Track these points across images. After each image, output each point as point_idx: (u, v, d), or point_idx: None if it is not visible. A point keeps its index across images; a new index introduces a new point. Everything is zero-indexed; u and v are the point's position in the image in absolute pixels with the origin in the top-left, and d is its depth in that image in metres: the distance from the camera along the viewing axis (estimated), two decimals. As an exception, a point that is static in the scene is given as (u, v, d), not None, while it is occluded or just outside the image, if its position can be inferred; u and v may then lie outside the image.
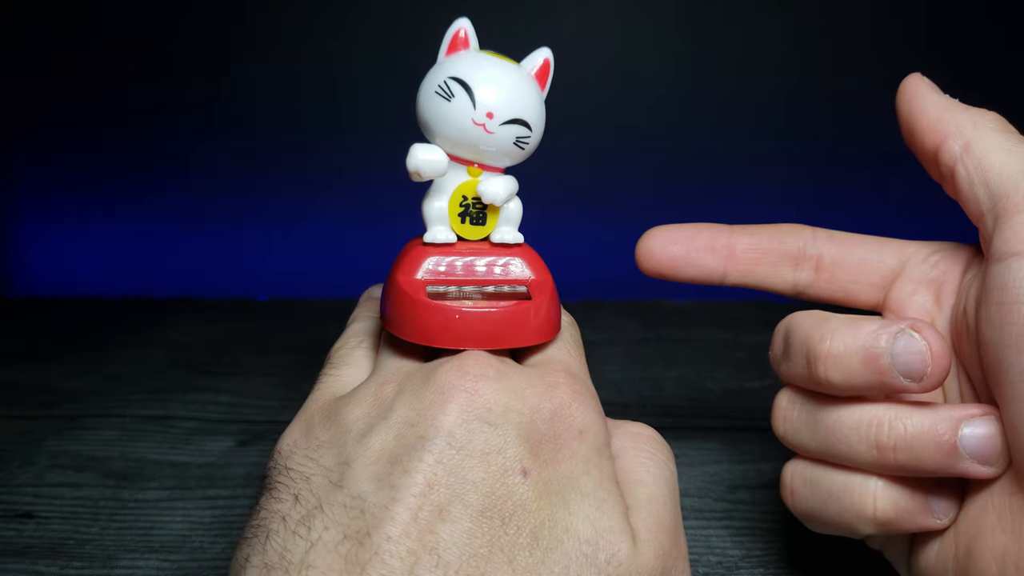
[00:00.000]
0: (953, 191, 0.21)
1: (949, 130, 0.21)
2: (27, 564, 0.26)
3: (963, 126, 0.21)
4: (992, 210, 0.20)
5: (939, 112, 0.21)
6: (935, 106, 0.22)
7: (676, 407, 0.38)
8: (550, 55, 0.22)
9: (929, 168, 0.22)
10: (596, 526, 0.17)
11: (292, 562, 0.16)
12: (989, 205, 0.20)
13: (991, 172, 0.20)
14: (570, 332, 0.23)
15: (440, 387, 0.18)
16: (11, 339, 0.48)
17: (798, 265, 0.25)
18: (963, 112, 0.21)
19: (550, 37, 0.25)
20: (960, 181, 0.21)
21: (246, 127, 0.55)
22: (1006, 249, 0.19)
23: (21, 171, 0.56)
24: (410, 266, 0.21)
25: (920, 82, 0.23)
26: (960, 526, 0.20)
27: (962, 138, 0.21)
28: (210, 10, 0.52)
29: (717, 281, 0.25)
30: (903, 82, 0.23)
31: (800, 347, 0.21)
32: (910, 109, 0.22)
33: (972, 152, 0.20)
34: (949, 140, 0.21)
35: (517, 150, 0.21)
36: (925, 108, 0.22)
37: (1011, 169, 0.19)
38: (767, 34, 0.53)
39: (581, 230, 0.56)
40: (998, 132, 0.21)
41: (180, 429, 0.36)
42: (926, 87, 0.22)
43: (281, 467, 0.18)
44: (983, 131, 0.21)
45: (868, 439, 0.20)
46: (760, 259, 0.25)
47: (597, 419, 0.20)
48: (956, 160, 0.21)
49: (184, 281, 0.57)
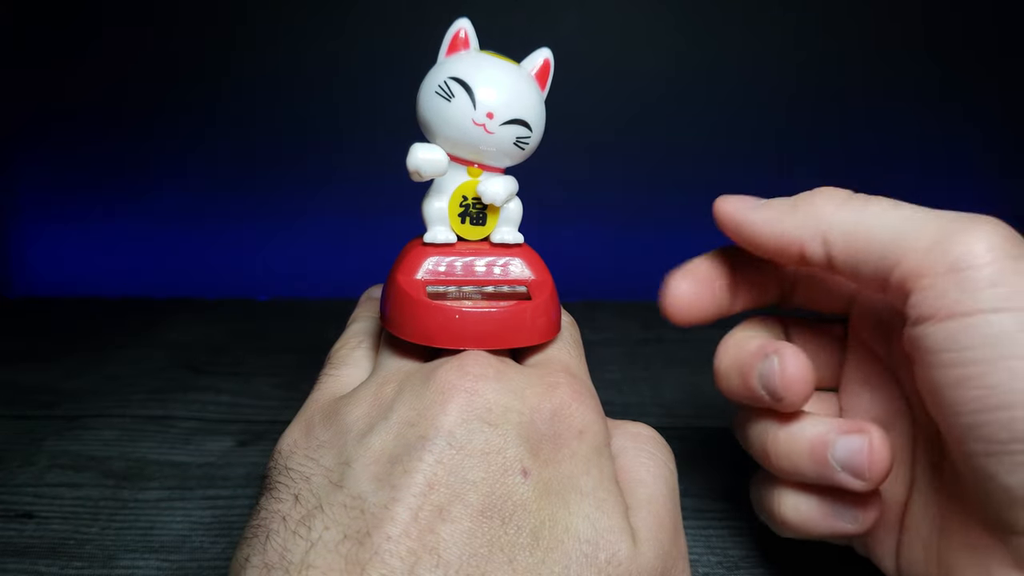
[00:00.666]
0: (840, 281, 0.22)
1: (798, 236, 0.20)
2: (27, 564, 0.26)
3: (806, 225, 0.20)
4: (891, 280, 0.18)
5: (773, 226, 0.21)
6: (765, 223, 0.21)
7: (676, 407, 0.38)
8: (550, 55, 0.22)
9: (802, 271, 0.23)
10: (596, 526, 0.17)
11: (292, 562, 0.16)
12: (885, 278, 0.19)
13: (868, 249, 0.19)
14: (570, 332, 0.23)
15: (440, 387, 0.18)
16: (11, 339, 0.48)
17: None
18: (795, 211, 0.20)
19: (550, 37, 0.25)
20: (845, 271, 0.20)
21: (246, 127, 0.55)
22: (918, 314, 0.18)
23: (21, 171, 0.56)
24: (410, 266, 0.21)
25: (732, 207, 0.22)
26: (941, 554, 0.20)
27: (816, 236, 0.20)
28: (210, 10, 0.52)
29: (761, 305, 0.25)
30: (716, 213, 0.23)
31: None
32: (746, 236, 0.22)
33: (835, 242, 0.19)
34: (806, 245, 0.20)
35: (517, 150, 0.21)
36: (759, 229, 0.21)
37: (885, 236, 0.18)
38: (767, 34, 0.53)
39: (581, 230, 0.56)
40: (842, 206, 0.20)
41: (180, 429, 0.36)
42: (741, 209, 0.22)
43: (281, 467, 0.18)
44: (827, 215, 0.20)
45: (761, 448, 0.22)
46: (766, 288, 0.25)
47: (597, 419, 0.20)
48: (828, 255, 0.20)
49: (184, 281, 0.57)
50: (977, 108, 0.54)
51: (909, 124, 0.54)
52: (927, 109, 0.54)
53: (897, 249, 0.18)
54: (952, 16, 0.52)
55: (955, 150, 0.55)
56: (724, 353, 0.23)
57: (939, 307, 0.17)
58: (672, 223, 0.56)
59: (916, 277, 0.18)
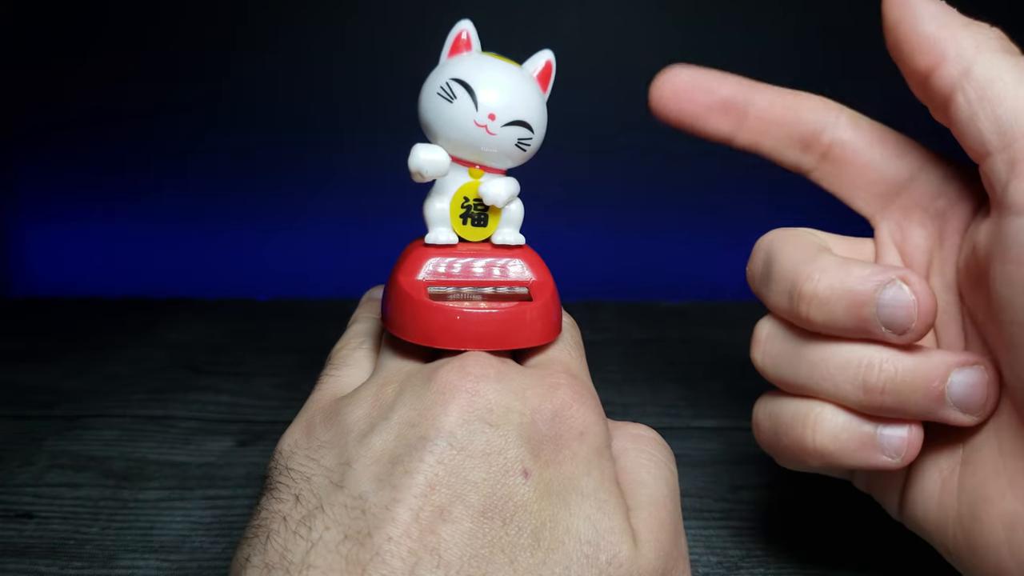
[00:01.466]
0: (946, 120, 0.19)
1: (947, 51, 0.18)
2: (27, 564, 0.26)
3: (964, 46, 0.18)
4: (1005, 151, 0.17)
5: (935, 27, 0.18)
6: (930, 18, 0.19)
7: (676, 407, 0.38)
8: (552, 57, 0.22)
9: (916, 89, 0.20)
10: (597, 527, 0.17)
11: (293, 562, 0.16)
12: (1000, 145, 0.17)
13: (1001, 106, 0.17)
14: (571, 333, 0.23)
15: (441, 388, 0.18)
16: (11, 339, 0.48)
17: (808, 148, 0.23)
18: (963, 29, 0.18)
19: (550, 37, 0.25)
20: (960, 113, 0.18)
21: (246, 127, 0.55)
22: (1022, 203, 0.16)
23: (21, 171, 0.56)
24: (411, 267, 0.21)
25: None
26: (965, 484, 0.19)
27: (962, 62, 0.18)
28: (210, 10, 0.52)
29: (725, 141, 0.23)
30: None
31: (784, 280, 0.20)
32: (899, 18, 0.19)
33: (975, 80, 0.18)
34: (947, 64, 0.18)
35: (519, 152, 0.21)
36: (917, 20, 0.19)
37: (1021, 104, 0.17)
38: (767, 34, 0.53)
39: (581, 230, 0.56)
40: (1004, 55, 0.18)
41: (180, 429, 0.36)
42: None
43: (282, 467, 0.18)
44: (987, 53, 0.18)
45: (856, 380, 0.19)
46: (769, 131, 0.23)
47: (598, 420, 0.20)
48: (955, 88, 0.18)
49: (184, 281, 0.57)
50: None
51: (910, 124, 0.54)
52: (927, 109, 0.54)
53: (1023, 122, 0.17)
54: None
55: (955, 150, 0.55)
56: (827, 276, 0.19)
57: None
58: (672, 223, 0.56)
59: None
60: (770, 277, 0.21)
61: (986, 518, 0.18)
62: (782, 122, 0.23)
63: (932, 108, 0.19)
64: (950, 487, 0.20)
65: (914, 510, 0.20)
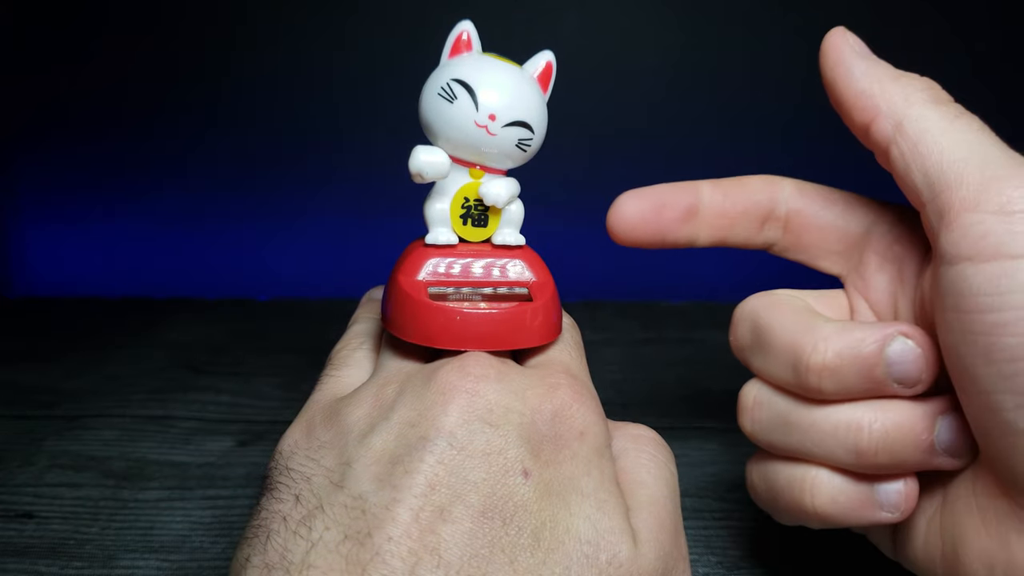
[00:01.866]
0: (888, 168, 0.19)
1: (879, 106, 0.19)
2: (27, 564, 0.26)
3: (894, 101, 0.19)
4: (934, 203, 0.18)
5: (867, 83, 0.19)
6: (862, 75, 0.19)
7: (676, 407, 0.38)
8: (552, 58, 0.22)
9: (861, 140, 0.20)
10: (597, 527, 0.17)
11: (293, 562, 0.16)
12: (930, 196, 0.18)
13: (929, 159, 0.18)
14: (571, 334, 0.23)
15: (441, 388, 0.18)
16: (11, 339, 0.48)
17: (766, 223, 0.23)
18: (893, 83, 0.19)
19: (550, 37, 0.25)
20: (896, 165, 0.19)
21: (246, 127, 0.55)
22: (956, 253, 0.17)
23: (21, 171, 0.56)
24: (411, 267, 0.21)
25: (843, 43, 0.20)
26: (944, 524, 0.19)
27: (894, 116, 0.19)
28: (210, 10, 0.52)
29: (689, 245, 0.24)
30: (824, 42, 0.20)
31: (785, 353, 0.20)
32: (833, 77, 0.20)
33: (906, 134, 0.18)
34: (880, 119, 0.19)
35: (519, 152, 0.21)
36: (850, 78, 0.20)
37: (951, 156, 0.17)
38: (768, 34, 0.53)
39: (581, 230, 0.56)
40: (933, 106, 0.18)
41: (180, 429, 0.36)
42: (850, 50, 0.20)
43: (282, 467, 0.18)
44: (916, 106, 0.18)
45: (848, 444, 0.19)
46: (730, 224, 0.23)
47: (598, 420, 0.20)
48: (890, 142, 0.19)
49: (184, 281, 0.57)
50: (977, 109, 0.54)
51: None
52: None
53: (955, 176, 0.17)
54: (952, 17, 0.52)
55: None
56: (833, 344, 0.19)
57: (983, 247, 0.16)
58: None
59: (962, 211, 0.17)
60: (765, 349, 0.21)
61: (966, 558, 0.18)
62: (737, 211, 0.23)
63: (877, 158, 0.20)
64: (934, 527, 0.20)
65: (905, 551, 0.21)
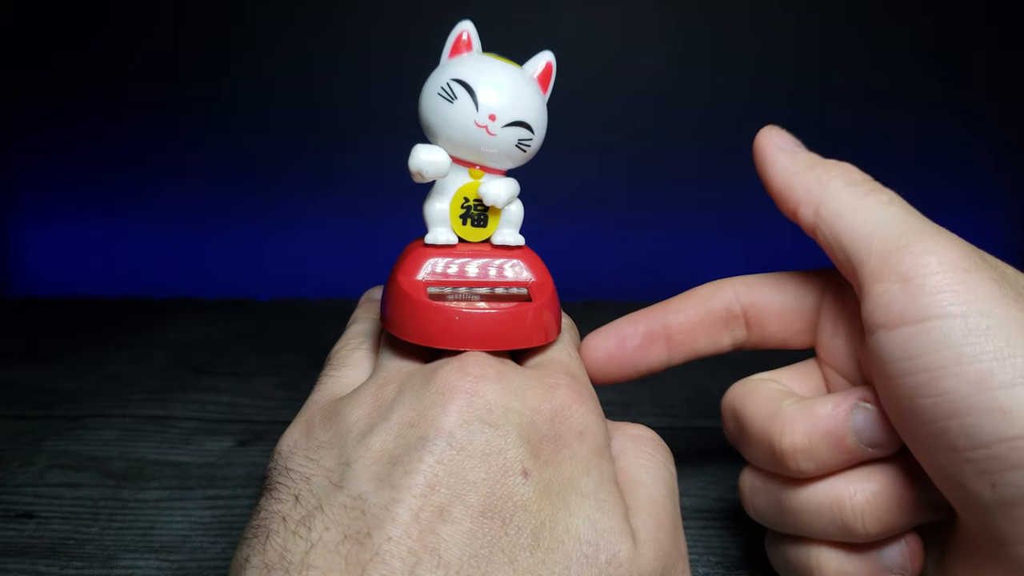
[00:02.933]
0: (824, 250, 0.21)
1: (799, 196, 0.20)
2: (27, 564, 0.26)
3: (811, 188, 0.20)
4: (853, 277, 0.19)
5: (785, 176, 0.21)
6: (782, 169, 0.21)
7: (676, 407, 0.38)
8: (552, 58, 0.22)
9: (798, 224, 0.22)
10: (597, 527, 0.17)
11: (292, 562, 0.16)
12: (850, 271, 0.19)
13: (844, 236, 0.19)
14: (570, 334, 0.23)
15: (441, 388, 0.18)
16: (11, 339, 0.48)
17: (727, 325, 0.24)
18: (809, 172, 0.21)
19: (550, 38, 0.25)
20: (824, 246, 0.20)
21: (246, 127, 0.55)
22: (872, 322, 0.18)
23: (21, 171, 0.56)
24: (411, 267, 0.21)
25: (768, 141, 0.22)
26: (946, 572, 0.20)
27: (811, 203, 0.20)
28: (210, 10, 0.53)
29: (665, 367, 0.25)
30: (754, 141, 0.22)
31: (760, 442, 0.21)
32: (762, 173, 0.22)
33: (823, 217, 0.20)
34: (801, 207, 0.20)
35: (519, 152, 0.21)
36: (773, 173, 0.21)
37: (862, 232, 0.19)
38: (767, 34, 0.53)
39: (581, 230, 0.56)
40: (845, 188, 0.20)
41: (180, 429, 0.36)
42: (774, 147, 0.22)
43: (281, 468, 0.18)
44: (831, 191, 0.20)
45: (836, 522, 0.20)
46: (695, 335, 0.24)
47: (597, 420, 0.20)
48: (813, 226, 0.20)
49: (184, 281, 0.57)
50: (977, 109, 0.54)
51: (909, 125, 0.54)
52: (927, 110, 0.54)
53: (864, 251, 0.19)
54: (952, 17, 0.52)
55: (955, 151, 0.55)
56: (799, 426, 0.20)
57: (891, 314, 0.18)
58: (672, 223, 0.56)
59: (872, 282, 0.18)
60: (747, 439, 0.22)
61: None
62: (694, 322, 0.24)
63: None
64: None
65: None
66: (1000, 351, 0.16)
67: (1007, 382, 0.16)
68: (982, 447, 0.16)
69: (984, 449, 0.16)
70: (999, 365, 0.16)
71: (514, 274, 0.22)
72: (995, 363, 0.16)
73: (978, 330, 0.16)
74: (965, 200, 0.56)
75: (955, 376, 0.16)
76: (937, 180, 0.55)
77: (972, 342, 0.16)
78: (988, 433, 0.16)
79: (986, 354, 0.16)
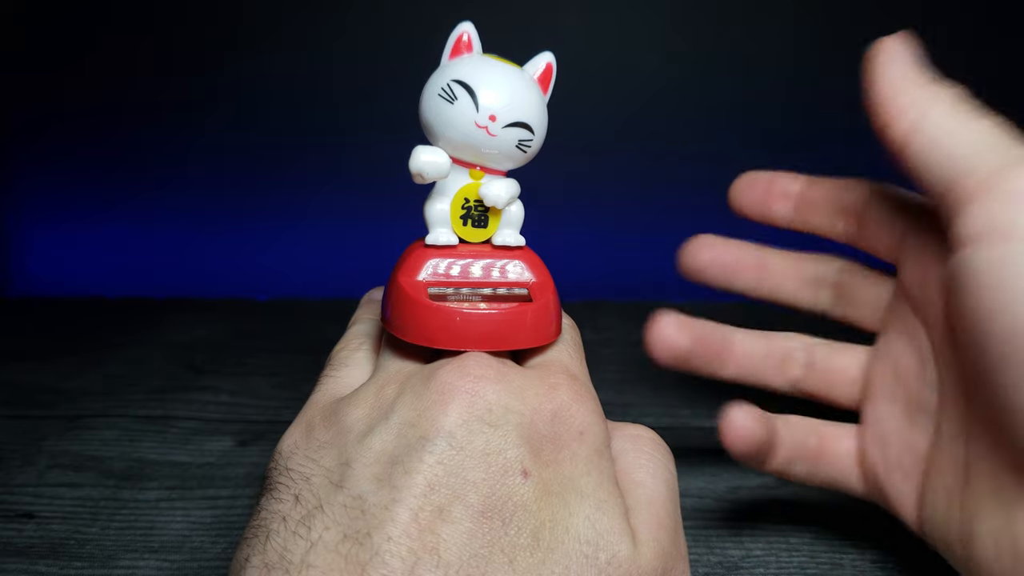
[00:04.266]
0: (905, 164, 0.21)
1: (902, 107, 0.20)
2: (27, 564, 0.26)
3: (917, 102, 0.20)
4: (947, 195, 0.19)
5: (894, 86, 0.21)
6: (892, 80, 0.21)
7: (676, 407, 0.38)
8: (553, 59, 0.22)
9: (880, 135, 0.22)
10: (596, 527, 0.17)
11: (292, 562, 0.16)
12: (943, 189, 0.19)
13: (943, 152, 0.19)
14: (571, 335, 0.23)
15: (441, 388, 0.18)
16: (11, 339, 0.48)
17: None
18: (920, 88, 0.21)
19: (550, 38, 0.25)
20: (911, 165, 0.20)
21: (246, 127, 0.55)
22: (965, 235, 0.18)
23: (20, 171, 0.56)
24: (412, 268, 0.21)
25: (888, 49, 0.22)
26: (965, 501, 0.20)
27: (913, 117, 0.20)
28: (210, 10, 0.52)
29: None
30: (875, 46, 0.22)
31: None
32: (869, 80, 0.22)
33: (923, 131, 0.20)
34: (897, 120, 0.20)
35: (519, 153, 0.21)
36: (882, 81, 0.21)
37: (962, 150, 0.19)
38: (766, 34, 0.53)
39: (581, 231, 0.56)
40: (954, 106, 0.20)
41: (180, 429, 0.36)
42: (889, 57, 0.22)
43: (281, 467, 0.18)
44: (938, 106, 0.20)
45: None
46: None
47: (597, 420, 0.20)
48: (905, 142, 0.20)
49: (184, 281, 0.57)
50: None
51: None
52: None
53: (964, 168, 0.18)
54: (952, 17, 0.52)
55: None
56: None
57: (991, 229, 0.18)
58: (672, 223, 0.56)
59: (967, 201, 0.18)
60: None
61: (978, 534, 0.19)
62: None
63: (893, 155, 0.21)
64: (955, 504, 0.20)
65: (927, 525, 0.22)
66: None
67: None
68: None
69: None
70: None
71: (515, 275, 0.22)
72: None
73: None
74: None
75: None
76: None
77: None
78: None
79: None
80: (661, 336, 0.26)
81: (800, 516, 0.29)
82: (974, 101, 0.20)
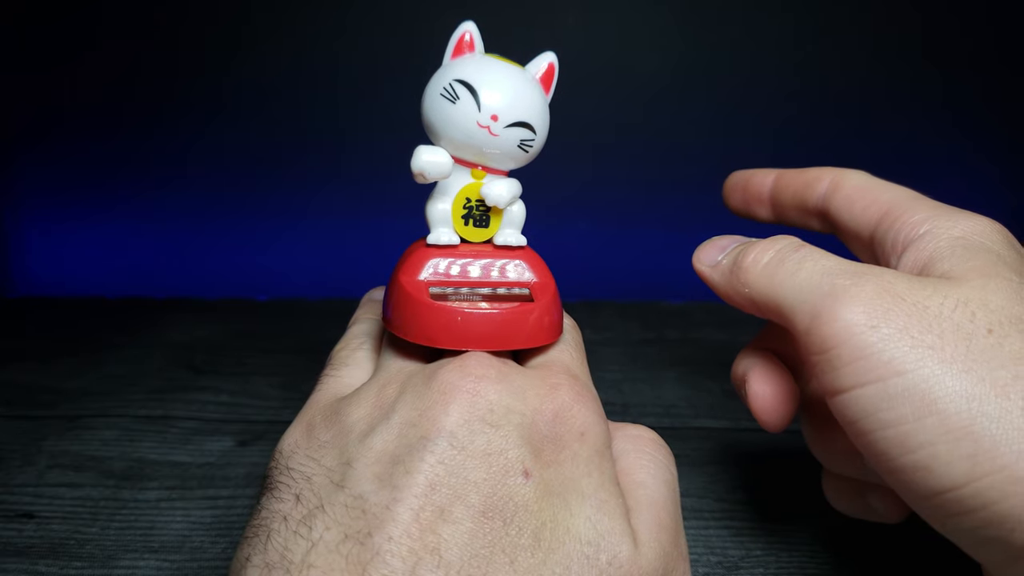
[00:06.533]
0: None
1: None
2: (27, 564, 0.26)
3: (738, 290, 0.21)
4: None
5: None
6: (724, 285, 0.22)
7: (676, 407, 0.38)
8: (555, 59, 0.22)
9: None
10: (597, 527, 0.17)
11: (293, 562, 0.16)
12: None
13: (779, 312, 0.20)
14: (572, 335, 0.23)
15: (442, 388, 0.18)
16: (11, 339, 0.48)
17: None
18: (728, 281, 0.22)
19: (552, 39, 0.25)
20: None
21: (246, 127, 0.55)
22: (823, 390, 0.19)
23: (21, 171, 0.56)
24: (413, 267, 0.21)
25: (699, 267, 0.23)
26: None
27: (748, 298, 0.21)
28: (210, 10, 0.52)
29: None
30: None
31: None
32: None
33: (758, 304, 0.20)
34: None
35: (521, 153, 0.21)
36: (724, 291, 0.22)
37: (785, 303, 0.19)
38: (767, 34, 0.53)
39: (582, 231, 0.56)
40: (763, 266, 0.21)
41: (180, 429, 0.36)
42: (704, 271, 0.23)
43: (282, 467, 0.18)
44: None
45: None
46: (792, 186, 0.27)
47: (598, 421, 0.20)
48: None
49: (184, 281, 0.57)
50: (976, 110, 0.54)
51: (908, 126, 0.54)
52: (925, 111, 0.54)
53: (792, 322, 0.19)
54: (951, 17, 0.52)
55: (954, 152, 0.55)
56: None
57: (824, 385, 0.18)
58: (673, 223, 0.56)
59: (807, 355, 0.19)
60: None
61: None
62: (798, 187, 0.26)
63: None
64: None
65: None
66: (916, 412, 0.16)
67: (925, 442, 0.16)
68: (923, 499, 0.17)
69: (925, 501, 0.17)
70: (915, 427, 0.16)
71: (516, 274, 0.22)
72: (912, 425, 0.16)
73: (890, 395, 0.17)
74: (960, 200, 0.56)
75: (878, 441, 0.17)
76: (935, 181, 0.55)
77: (887, 407, 0.17)
78: (919, 489, 0.17)
79: (904, 418, 0.16)
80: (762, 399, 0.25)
81: (800, 516, 0.29)
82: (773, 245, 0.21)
